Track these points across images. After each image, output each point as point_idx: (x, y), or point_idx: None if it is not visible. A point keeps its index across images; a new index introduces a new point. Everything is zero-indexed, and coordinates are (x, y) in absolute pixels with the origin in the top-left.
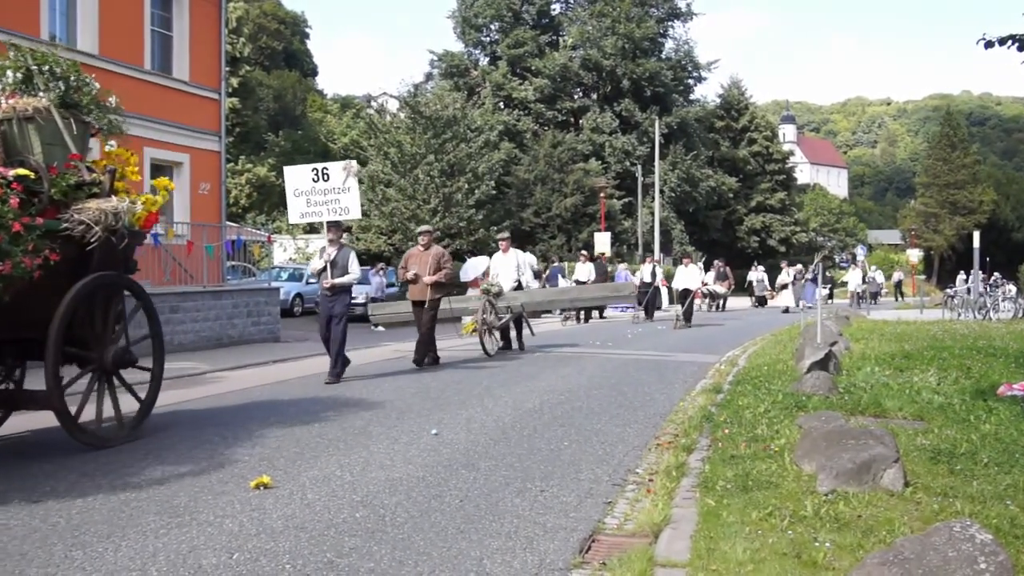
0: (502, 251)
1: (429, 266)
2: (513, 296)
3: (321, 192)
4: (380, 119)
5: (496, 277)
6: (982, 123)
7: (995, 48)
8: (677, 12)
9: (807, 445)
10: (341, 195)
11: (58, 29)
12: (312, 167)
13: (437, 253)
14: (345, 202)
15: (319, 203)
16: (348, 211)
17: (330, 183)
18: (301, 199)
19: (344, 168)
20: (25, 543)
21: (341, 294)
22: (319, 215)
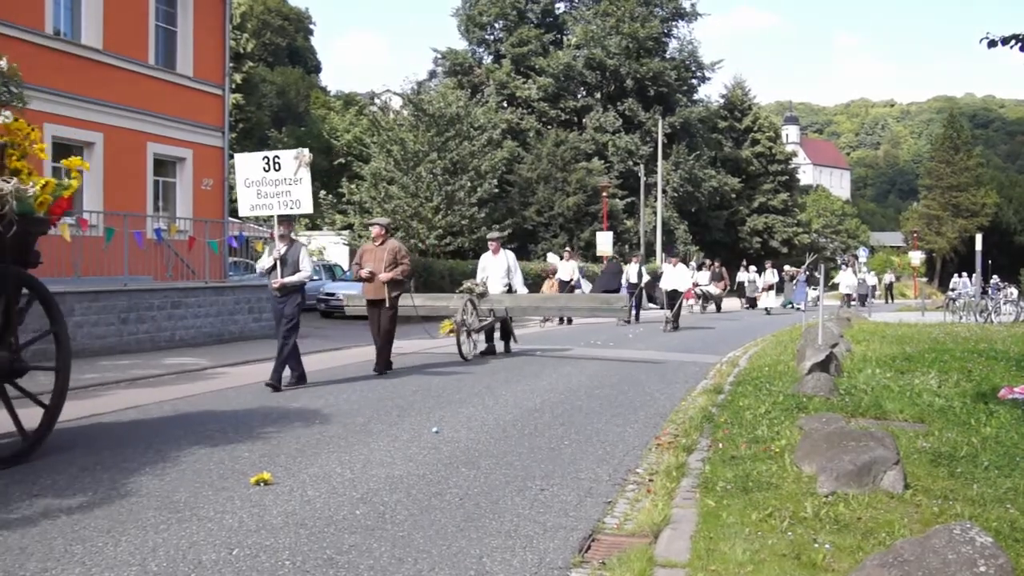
0: (492, 252)
1: (385, 262)
2: (498, 299)
3: (272, 183)
4: (383, 116)
5: (485, 279)
6: (985, 126)
7: (998, 48)
8: (681, 12)
9: (807, 446)
10: (292, 187)
11: (62, 23)
12: (264, 155)
13: (393, 247)
14: (297, 194)
15: (270, 195)
16: (299, 204)
17: (281, 173)
18: (252, 190)
19: (296, 157)
20: (25, 537)
21: (292, 294)
22: (269, 208)
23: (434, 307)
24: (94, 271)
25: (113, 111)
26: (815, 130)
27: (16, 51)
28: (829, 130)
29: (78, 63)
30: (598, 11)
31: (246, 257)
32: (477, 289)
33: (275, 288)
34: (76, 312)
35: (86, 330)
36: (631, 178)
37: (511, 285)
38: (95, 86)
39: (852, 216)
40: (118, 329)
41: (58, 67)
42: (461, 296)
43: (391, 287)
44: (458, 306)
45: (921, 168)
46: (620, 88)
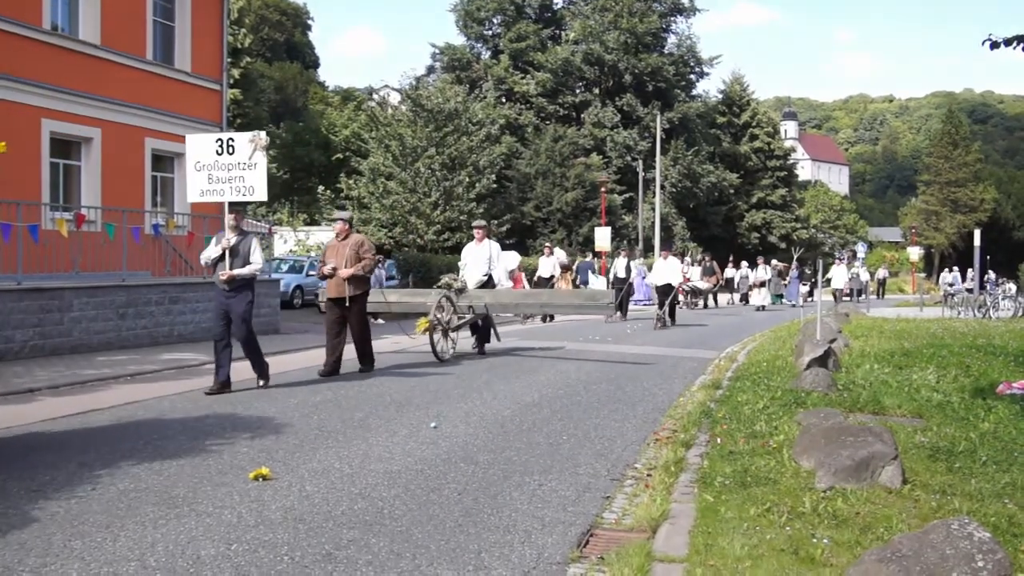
0: (476, 241)
1: (347, 258)
2: (477, 295)
3: (225, 167)
4: (381, 112)
5: (464, 269)
6: (984, 121)
7: (1000, 49)
8: (680, 7)
9: (806, 442)
10: (246, 172)
11: (60, 18)
12: (217, 137)
13: (356, 242)
14: (251, 180)
15: (222, 179)
16: (253, 191)
17: (235, 157)
18: (203, 174)
19: (251, 140)
20: (24, 532)
21: (242, 289)
22: (220, 193)
23: (410, 304)
24: (92, 266)
25: (111, 106)
26: (814, 126)
27: (13, 46)
28: (828, 125)
29: (76, 58)
30: (596, 6)
31: None
32: (455, 284)
33: (223, 281)
34: (74, 307)
35: (84, 325)
36: (629, 173)
37: (491, 277)
38: (93, 81)
39: (850, 212)
40: (116, 324)
41: (56, 62)
42: (438, 292)
43: (354, 284)
44: (433, 302)
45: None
46: (618, 83)
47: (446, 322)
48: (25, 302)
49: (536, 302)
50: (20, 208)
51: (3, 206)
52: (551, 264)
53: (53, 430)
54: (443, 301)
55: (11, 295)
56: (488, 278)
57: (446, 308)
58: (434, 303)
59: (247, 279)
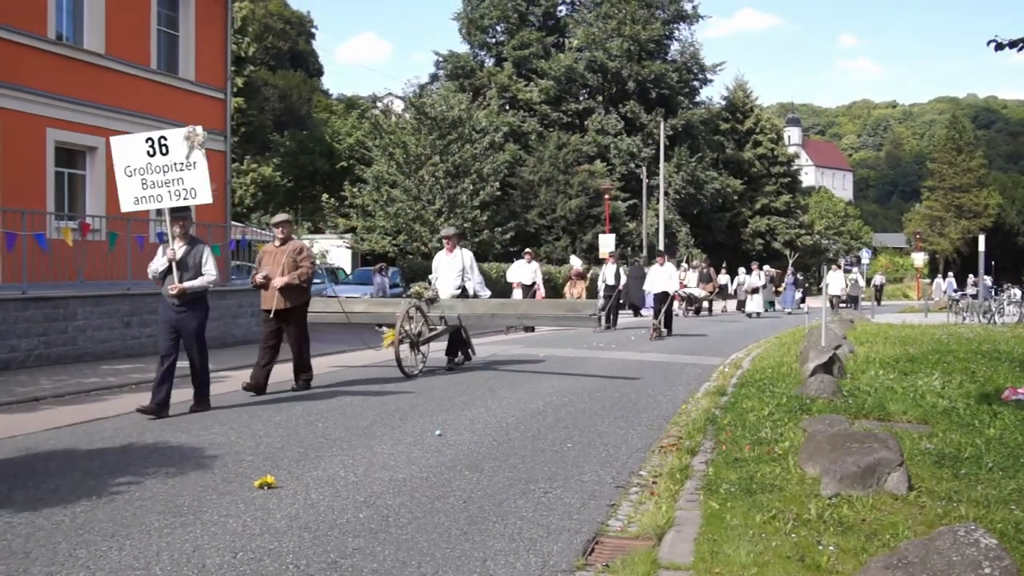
0: (446, 250)
1: (283, 266)
2: (449, 305)
3: (160, 170)
4: (385, 120)
5: (436, 281)
6: (988, 126)
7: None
8: (683, 14)
9: (811, 448)
10: (185, 173)
11: (65, 28)
12: (147, 136)
13: (294, 248)
14: (191, 182)
15: (158, 184)
16: (195, 194)
17: (170, 157)
18: (135, 180)
19: (187, 137)
20: (29, 541)
21: (195, 304)
22: (158, 199)
23: (378, 314)
24: (97, 275)
25: (115, 115)
26: (817, 132)
27: (19, 56)
28: (831, 131)
29: (80, 68)
30: (600, 13)
31: (248, 261)
32: (426, 293)
33: (172, 295)
34: (79, 316)
35: (89, 334)
36: (633, 180)
37: (466, 288)
38: (97, 91)
39: (855, 217)
40: (121, 333)
41: (60, 72)
42: (407, 301)
43: (289, 295)
44: (401, 313)
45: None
46: (622, 90)
47: (415, 334)
48: (30, 311)
49: (513, 312)
50: (25, 217)
51: (8, 215)
52: (531, 271)
53: (58, 439)
54: (412, 311)
55: (16, 304)
56: (462, 291)
57: (416, 319)
58: (402, 313)
59: (199, 292)
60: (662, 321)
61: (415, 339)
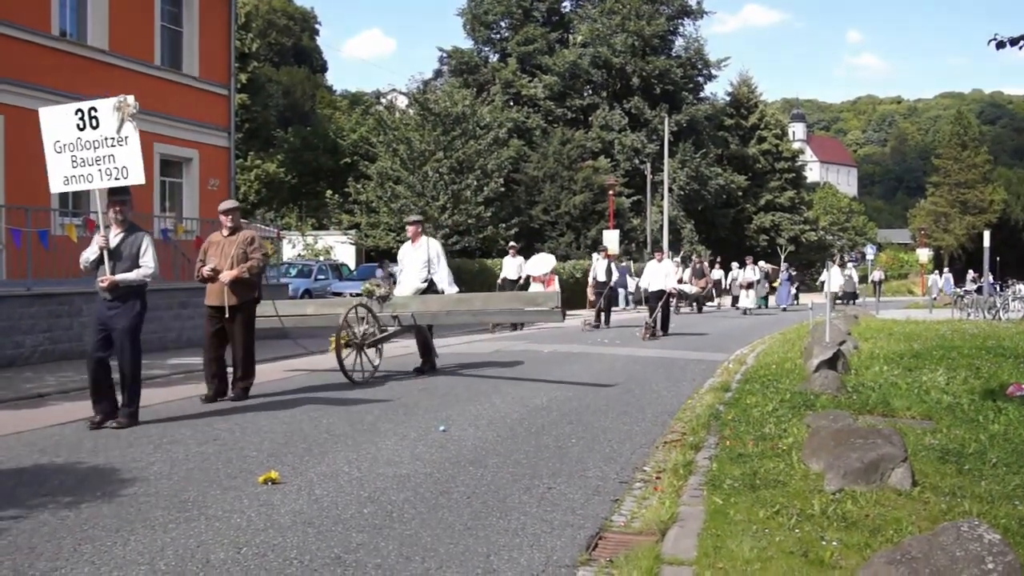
0: (411, 241)
1: (232, 258)
2: (402, 303)
3: (90, 146)
4: (389, 116)
5: (400, 274)
6: (993, 122)
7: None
8: (687, 10)
9: (815, 444)
10: (116, 149)
11: (68, 25)
12: (76, 107)
13: (244, 239)
14: (123, 159)
15: (88, 162)
16: (127, 174)
17: (100, 131)
18: (64, 156)
19: (117, 107)
20: (34, 537)
21: (128, 299)
22: (88, 179)
23: (328, 315)
24: None
25: None
26: (822, 127)
27: (22, 52)
28: (836, 127)
29: (84, 64)
30: (604, 9)
31: None
32: (378, 291)
33: (103, 288)
34: (84, 313)
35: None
36: (637, 176)
37: (435, 282)
38: (101, 87)
39: (859, 213)
40: None
41: (64, 68)
42: (355, 300)
43: (237, 290)
44: (343, 313)
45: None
46: (626, 86)
47: (361, 336)
48: (35, 308)
49: (469, 308)
50: (30, 214)
51: (13, 212)
52: (516, 265)
53: (63, 435)
54: (357, 312)
55: (21, 301)
56: (428, 284)
57: (366, 320)
58: (344, 314)
59: (135, 287)
60: (658, 320)
61: (361, 341)
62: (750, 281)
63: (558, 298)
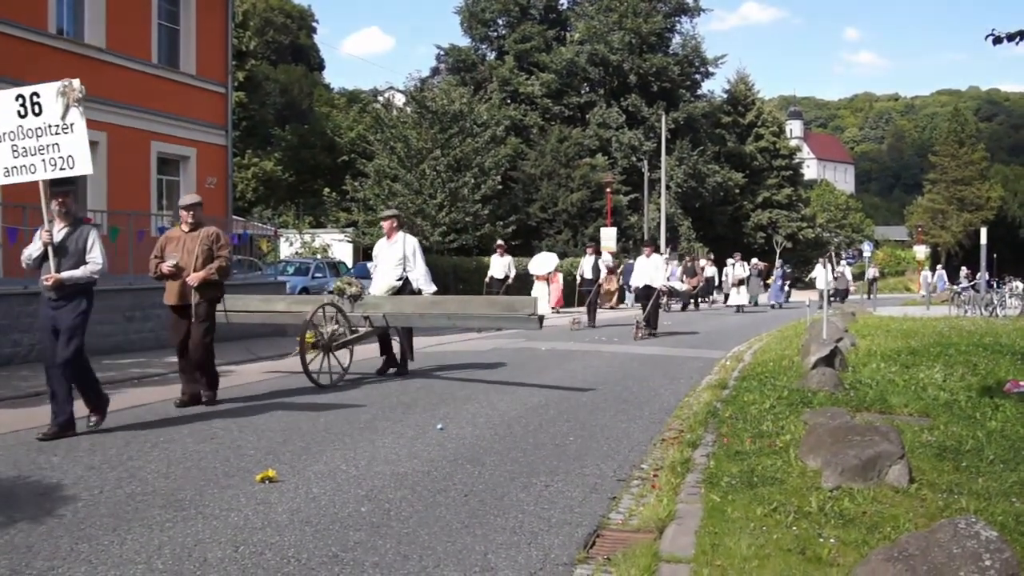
0: (386, 237)
1: (197, 256)
2: (375, 304)
3: (32, 133)
4: (387, 114)
5: (374, 271)
6: (990, 119)
7: (1003, 44)
8: (685, 7)
9: (812, 441)
10: (61, 137)
11: (65, 22)
12: (17, 92)
13: (208, 235)
14: (68, 148)
15: (30, 151)
16: (72, 163)
17: (43, 118)
18: (4, 146)
19: (62, 92)
20: (31, 536)
21: (74, 297)
22: (31, 170)
23: (296, 314)
24: None
25: (117, 110)
26: (819, 125)
27: (19, 50)
28: (833, 124)
29: (81, 62)
30: (601, 6)
31: (249, 255)
32: (348, 290)
33: (48, 286)
34: None
35: (92, 328)
36: (635, 174)
37: (410, 280)
38: (98, 85)
39: (856, 210)
40: (123, 327)
41: (61, 66)
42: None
43: (203, 291)
44: (310, 313)
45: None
46: (623, 84)
47: (328, 338)
48: (32, 306)
49: (443, 312)
50: (27, 212)
51: (10, 210)
52: (504, 264)
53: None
54: (324, 312)
55: (18, 299)
56: (404, 282)
57: (337, 320)
58: (311, 314)
59: (81, 284)
60: (644, 318)
61: (328, 343)
62: (741, 278)
63: (536, 304)
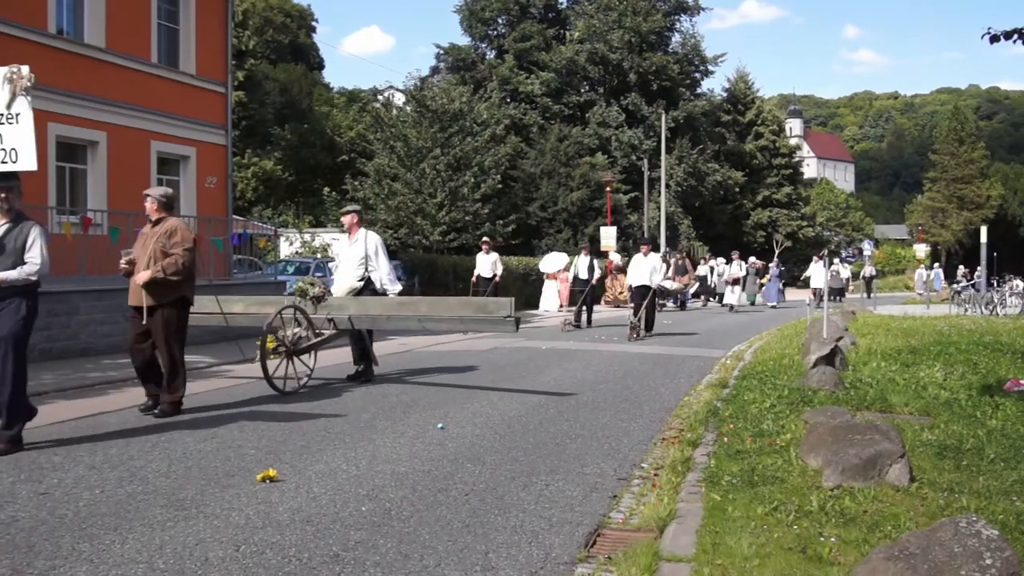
0: (347, 235)
1: (151, 253)
2: (339, 305)
3: None
4: (386, 113)
5: (336, 271)
6: (990, 117)
7: (1000, 42)
8: (684, 6)
9: (813, 440)
10: (5, 128)
11: (65, 22)
12: None
13: (166, 230)
14: (11, 140)
15: None
16: (16, 157)
17: None
18: None
19: (8, 79)
20: (33, 535)
21: (12, 298)
22: None
23: (257, 316)
24: (99, 270)
25: (116, 110)
26: (819, 123)
27: (19, 50)
28: (833, 123)
29: (81, 62)
30: (600, 5)
31: (250, 255)
32: (312, 291)
33: None
34: (81, 311)
35: (92, 328)
36: (635, 173)
37: (370, 280)
38: (98, 85)
39: (856, 209)
40: (123, 327)
41: (61, 66)
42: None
43: (153, 291)
44: (271, 316)
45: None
46: (623, 83)
47: (292, 342)
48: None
49: (412, 314)
50: (27, 212)
51: None
52: (490, 262)
53: (61, 433)
54: (286, 314)
55: None
56: (365, 283)
57: (301, 322)
58: (273, 316)
59: (19, 287)
60: (642, 319)
61: (291, 347)
62: (736, 277)
63: (511, 306)
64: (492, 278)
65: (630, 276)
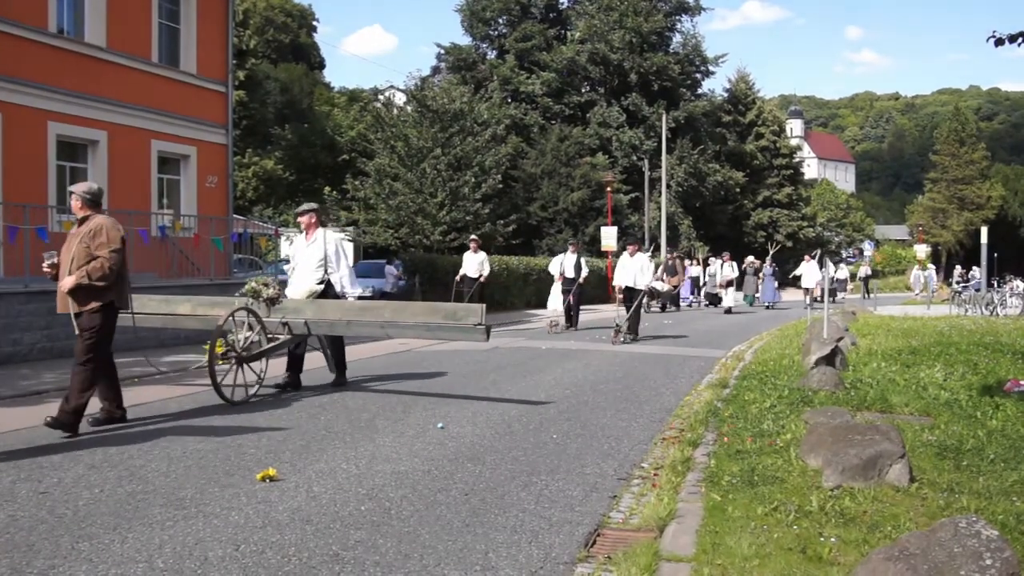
0: (304, 235)
1: (75, 256)
2: (295, 308)
3: None
4: (387, 112)
5: (292, 273)
6: (990, 118)
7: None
8: (685, 6)
9: (813, 440)
10: None
11: (66, 22)
12: None
13: (90, 230)
14: None
15: None
16: None
17: None
18: None
19: None
20: (32, 535)
21: None
22: None
23: (206, 318)
24: None
25: (117, 109)
26: (820, 124)
27: (20, 49)
28: (834, 123)
29: (82, 61)
30: (601, 5)
31: (250, 254)
32: (265, 291)
33: None
34: None
35: None
36: (635, 173)
37: (332, 282)
38: (99, 84)
39: (857, 209)
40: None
41: (62, 65)
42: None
43: (78, 297)
44: (222, 318)
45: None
46: (624, 83)
47: (243, 347)
48: (33, 304)
49: (374, 319)
50: (27, 211)
51: (11, 209)
52: (477, 262)
53: (61, 432)
54: (237, 316)
55: (19, 298)
56: (325, 286)
57: (252, 326)
58: (223, 319)
59: None
60: (626, 321)
61: (242, 353)
62: (730, 279)
63: (482, 314)
64: (478, 278)
65: (616, 277)
